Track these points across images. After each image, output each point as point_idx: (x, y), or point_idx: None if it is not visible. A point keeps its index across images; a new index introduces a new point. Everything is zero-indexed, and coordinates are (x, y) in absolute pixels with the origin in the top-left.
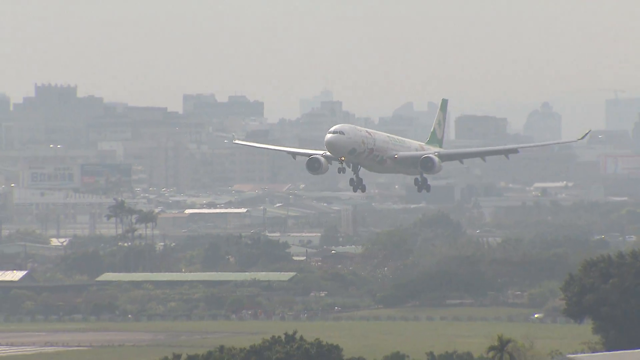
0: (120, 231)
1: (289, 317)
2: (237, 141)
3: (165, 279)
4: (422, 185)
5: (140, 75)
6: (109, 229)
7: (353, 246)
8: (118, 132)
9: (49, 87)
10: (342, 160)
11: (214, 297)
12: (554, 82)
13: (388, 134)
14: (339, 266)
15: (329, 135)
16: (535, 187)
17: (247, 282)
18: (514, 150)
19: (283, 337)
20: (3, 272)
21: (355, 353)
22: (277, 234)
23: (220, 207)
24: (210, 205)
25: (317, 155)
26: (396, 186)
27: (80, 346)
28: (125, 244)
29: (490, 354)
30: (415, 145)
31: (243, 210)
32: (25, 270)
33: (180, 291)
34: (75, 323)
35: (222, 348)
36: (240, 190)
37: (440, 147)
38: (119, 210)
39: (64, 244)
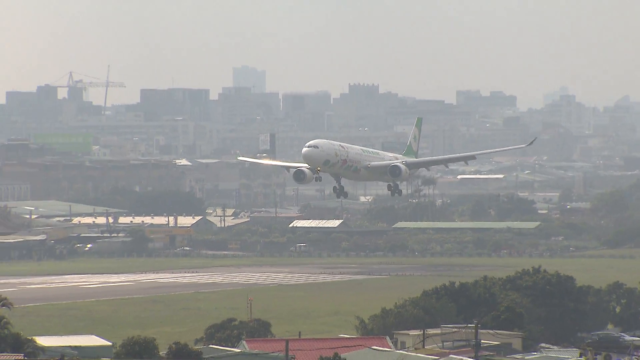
0: (410, 191)
1: (534, 255)
2: (240, 158)
3: (442, 226)
4: (394, 190)
5: (426, 76)
6: (403, 189)
7: (583, 203)
8: (408, 119)
9: (358, 86)
10: (318, 170)
11: (479, 240)
12: None
13: (362, 147)
14: (573, 217)
15: (305, 149)
16: None
17: (504, 229)
18: (472, 157)
19: (531, 270)
20: (326, 220)
21: (585, 282)
22: (526, 194)
23: (484, 174)
24: (476, 172)
25: (302, 168)
26: (617, 158)
27: (381, 275)
28: (414, 201)
29: None
30: (390, 156)
31: (501, 176)
32: (341, 219)
33: (454, 235)
34: (377, 258)
35: (485, 277)
36: (498, 161)
37: (416, 158)
38: None
39: (369, 200)
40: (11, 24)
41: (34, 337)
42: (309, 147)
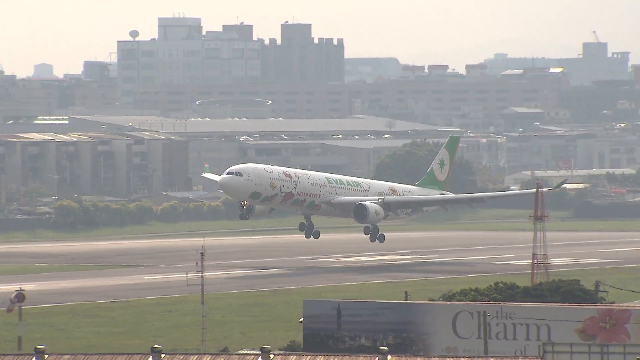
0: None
1: None
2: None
3: None
4: (373, 234)
5: None
6: None
7: None
8: None
9: None
10: (244, 205)
11: None
12: None
13: (329, 176)
14: None
15: (222, 176)
16: None
17: None
18: (481, 200)
19: None
20: None
21: None
22: None
23: None
24: None
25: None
26: None
27: None
28: None
29: None
30: (382, 188)
31: None
32: None
33: None
34: None
35: None
36: None
37: (442, 190)
38: None
39: None
40: None
41: None
42: (228, 174)
